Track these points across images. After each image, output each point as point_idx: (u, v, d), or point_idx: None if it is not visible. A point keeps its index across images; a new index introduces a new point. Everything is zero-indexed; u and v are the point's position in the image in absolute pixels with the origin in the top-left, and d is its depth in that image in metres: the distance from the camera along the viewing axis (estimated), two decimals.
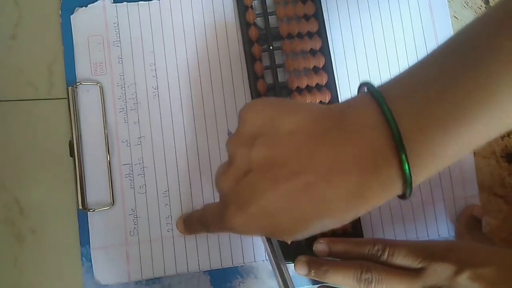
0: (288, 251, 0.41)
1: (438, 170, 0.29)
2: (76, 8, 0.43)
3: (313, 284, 0.42)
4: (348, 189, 0.28)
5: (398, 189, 0.29)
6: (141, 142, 0.42)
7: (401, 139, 0.27)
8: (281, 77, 0.44)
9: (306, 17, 0.44)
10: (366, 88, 0.30)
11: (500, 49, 0.26)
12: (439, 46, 0.29)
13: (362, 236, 0.42)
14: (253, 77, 0.43)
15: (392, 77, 0.30)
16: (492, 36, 0.27)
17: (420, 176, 0.28)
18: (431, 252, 0.35)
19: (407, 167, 0.27)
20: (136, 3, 0.44)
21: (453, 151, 0.28)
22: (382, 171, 0.28)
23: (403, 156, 0.27)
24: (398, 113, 0.27)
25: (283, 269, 0.35)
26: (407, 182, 0.28)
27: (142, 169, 0.42)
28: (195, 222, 0.40)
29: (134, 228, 0.42)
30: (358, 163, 0.28)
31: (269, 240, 0.35)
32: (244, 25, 0.44)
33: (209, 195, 0.42)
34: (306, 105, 0.32)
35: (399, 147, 0.27)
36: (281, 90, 0.43)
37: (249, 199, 0.29)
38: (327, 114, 0.30)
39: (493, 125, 0.27)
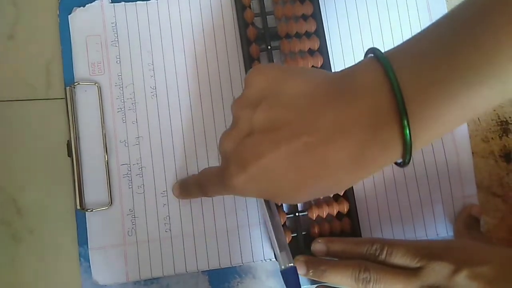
0: None
1: (438, 135, 0.29)
2: (74, 8, 0.43)
3: (311, 284, 0.42)
4: (349, 151, 0.28)
5: (397, 153, 0.29)
6: (139, 142, 0.42)
7: (403, 101, 0.27)
8: None
9: (304, 17, 0.44)
10: (372, 53, 0.30)
11: (501, 13, 0.26)
12: (443, 15, 0.29)
13: (360, 236, 0.42)
14: None
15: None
16: (493, 2, 0.27)
17: (421, 140, 0.28)
18: (429, 251, 0.35)
19: (407, 131, 0.27)
20: (134, 3, 0.44)
21: (455, 117, 0.28)
22: (383, 134, 0.28)
23: (404, 119, 0.27)
24: (402, 76, 0.27)
25: (279, 232, 0.35)
26: (406, 146, 0.28)
27: (140, 169, 0.42)
28: (192, 185, 0.40)
29: (132, 228, 0.42)
30: (360, 125, 0.28)
31: (267, 202, 0.36)
32: (242, 24, 0.44)
33: None
34: (311, 70, 0.33)
35: (401, 110, 0.27)
36: None
37: (250, 159, 0.30)
38: (332, 78, 0.30)
39: (495, 90, 0.27)
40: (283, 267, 0.35)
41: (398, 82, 0.27)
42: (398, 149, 0.28)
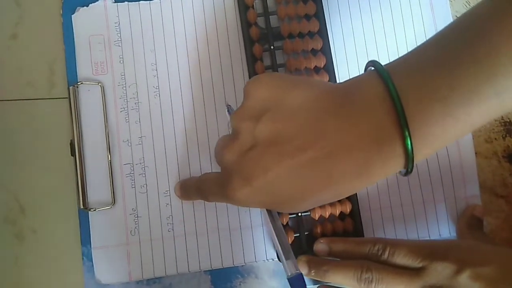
0: None
1: (440, 147, 0.29)
2: (77, 7, 0.43)
3: (313, 284, 0.42)
4: (352, 165, 0.29)
5: (400, 165, 0.29)
6: (142, 142, 0.43)
7: (404, 114, 0.27)
8: None
9: (307, 17, 0.44)
10: (372, 66, 0.30)
11: (498, 33, 0.26)
12: (444, 27, 0.30)
13: (363, 236, 0.42)
14: None
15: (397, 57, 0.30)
16: (491, 14, 0.27)
17: (422, 152, 0.29)
18: (431, 251, 0.35)
19: (409, 143, 0.28)
20: (137, 2, 0.44)
21: (454, 132, 0.28)
22: (385, 147, 0.28)
23: (406, 132, 0.27)
24: (402, 89, 0.28)
25: (283, 239, 0.35)
26: (409, 158, 0.28)
27: (143, 168, 0.42)
28: (192, 189, 0.40)
29: (135, 227, 0.42)
30: (363, 140, 0.28)
31: (269, 211, 0.35)
32: (245, 25, 0.44)
33: None
34: (313, 81, 0.33)
35: (402, 123, 0.27)
36: None
37: (254, 172, 0.30)
38: (334, 91, 0.30)
39: (494, 106, 0.27)
40: (289, 274, 0.35)
41: (399, 96, 0.27)
42: (400, 160, 0.29)
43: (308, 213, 0.42)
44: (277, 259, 0.42)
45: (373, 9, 0.46)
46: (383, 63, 0.30)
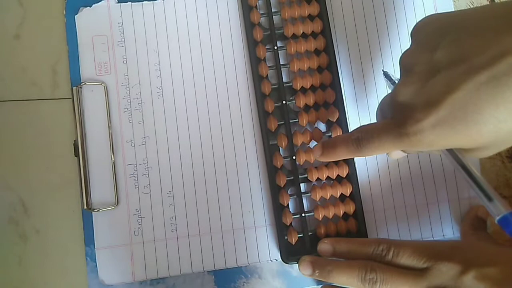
0: (292, 251, 0.41)
1: None
2: (81, 8, 0.43)
3: (317, 284, 0.42)
4: None
5: None
6: (145, 142, 0.43)
7: None
8: (285, 77, 0.44)
9: (311, 17, 0.44)
10: None
11: None
12: None
13: (367, 236, 0.42)
14: (258, 77, 0.43)
15: None
16: None
17: None
18: (436, 252, 0.35)
19: None
20: (140, 3, 0.44)
21: None
22: None
23: None
24: None
25: (482, 183, 0.31)
26: None
27: (147, 169, 0.42)
28: (342, 143, 0.36)
29: (139, 228, 0.42)
30: None
31: (454, 154, 0.32)
32: (249, 25, 0.44)
33: (213, 196, 0.42)
34: (478, 7, 0.31)
35: None
36: (285, 90, 0.43)
37: (441, 97, 0.28)
38: (507, 5, 0.28)
39: None
40: (497, 216, 0.31)
41: None
42: None
43: (312, 213, 0.42)
44: (280, 259, 0.42)
45: (376, 9, 0.46)
46: (386, 64, 0.30)
